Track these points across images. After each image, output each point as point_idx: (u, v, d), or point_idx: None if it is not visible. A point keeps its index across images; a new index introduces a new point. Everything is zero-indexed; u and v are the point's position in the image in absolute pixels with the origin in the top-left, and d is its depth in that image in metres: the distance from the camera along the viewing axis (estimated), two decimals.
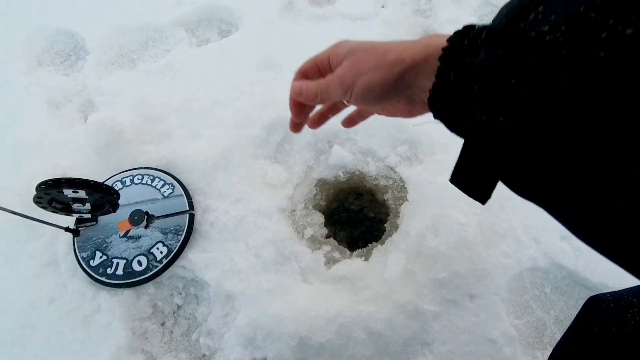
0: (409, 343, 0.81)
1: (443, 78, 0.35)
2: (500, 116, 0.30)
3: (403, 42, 0.40)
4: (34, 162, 1.05)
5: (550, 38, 0.26)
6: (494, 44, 0.31)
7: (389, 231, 0.98)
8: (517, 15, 0.29)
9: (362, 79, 0.41)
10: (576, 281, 0.88)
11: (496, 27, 0.31)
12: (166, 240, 0.93)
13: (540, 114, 0.27)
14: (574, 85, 0.25)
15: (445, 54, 0.35)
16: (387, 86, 0.40)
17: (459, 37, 0.35)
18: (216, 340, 0.88)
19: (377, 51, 0.41)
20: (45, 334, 0.87)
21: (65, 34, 1.40)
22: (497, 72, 0.30)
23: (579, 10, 0.25)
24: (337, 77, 0.43)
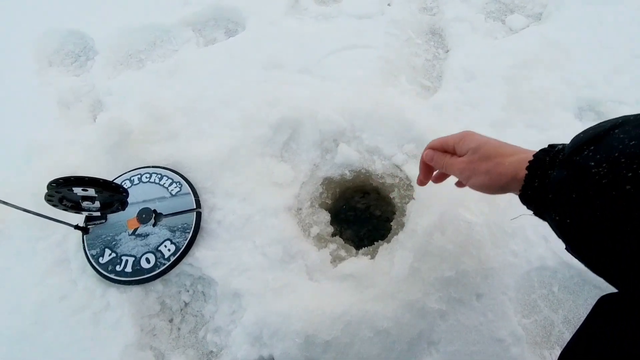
0: (416, 342, 0.81)
1: (529, 183, 0.51)
2: (567, 218, 0.44)
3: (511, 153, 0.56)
4: (45, 161, 1.07)
5: (595, 171, 0.40)
6: (562, 166, 0.45)
7: (395, 229, 0.98)
8: (575, 150, 0.44)
9: (475, 178, 0.59)
10: (586, 280, 0.87)
11: (565, 153, 0.46)
12: (174, 238, 0.94)
13: (592, 220, 0.41)
14: (610, 205, 0.38)
15: (531, 165, 0.51)
16: (494, 188, 0.57)
17: (543, 154, 0.51)
18: (223, 337, 0.89)
19: (491, 162, 0.57)
20: (56, 331, 0.88)
21: (75, 35, 1.42)
22: (563, 187, 0.44)
23: (614, 155, 0.39)
24: (459, 168, 0.61)
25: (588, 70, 1.12)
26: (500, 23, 1.32)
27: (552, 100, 1.08)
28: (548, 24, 1.25)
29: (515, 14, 1.32)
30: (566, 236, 0.46)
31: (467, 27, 1.28)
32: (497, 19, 1.34)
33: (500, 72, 1.14)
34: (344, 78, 1.18)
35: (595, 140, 0.43)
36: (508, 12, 1.35)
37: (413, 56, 1.27)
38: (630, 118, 0.42)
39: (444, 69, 1.23)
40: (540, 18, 1.32)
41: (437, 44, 1.32)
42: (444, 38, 1.32)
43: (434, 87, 1.21)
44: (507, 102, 1.09)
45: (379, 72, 1.19)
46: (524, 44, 1.20)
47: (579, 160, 0.43)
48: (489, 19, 1.33)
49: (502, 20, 1.33)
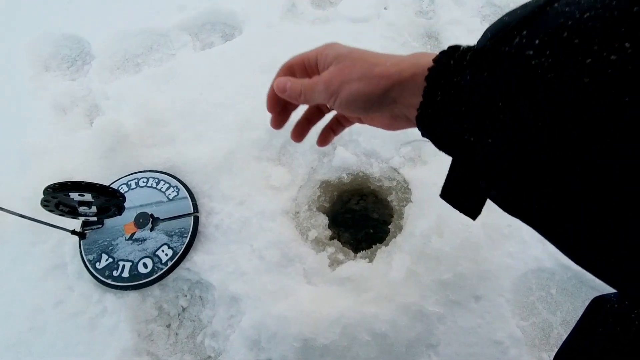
0: (414, 344, 0.81)
1: (430, 97, 0.36)
2: (489, 138, 0.30)
3: (392, 56, 0.41)
4: (41, 166, 1.06)
5: (535, 62, 0.26)
6: (479, 66, 0.31)
7: (393, 232, 0.98)
8: (501, 38, 0.30)
9: (347, 87, 0.42)
10: (583, 282, 0.88)
11: (481, 49, 0.32)
12: (171, 243, 0.94)
13: (527, 136, 0.27)
14: (560, 109, 0.25)
15: (432, 73, 0.36)
16: (372, 97, 0.41)
17: (445, 57, 0.35)
18: (221, 342, 0.88)
19: (365, 62, 0.41)
20: (51, 337, 0.87)
21: (71, 39, 1.42)
22: (483, 95, 0.30)
23: (562, 35, 0.26)
24: (323, 81, 0.44)
25: None
26: None
27: None
28: None
29: None
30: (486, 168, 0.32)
31: (463, 30, 1.29)
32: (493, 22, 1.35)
33: None
34: None
35: (529, 20, 0.29)
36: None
37: None
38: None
39: None
40: None
41: (434, 47, 1.33)
42: (440, 41, 1.33)
43: None
44: None
45: None
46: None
47: (508, 51, 0.29)
48: (485, 22, 1.34)
49: None
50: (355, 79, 0.41)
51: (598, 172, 0.25)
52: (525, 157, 0.28)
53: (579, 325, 0.61)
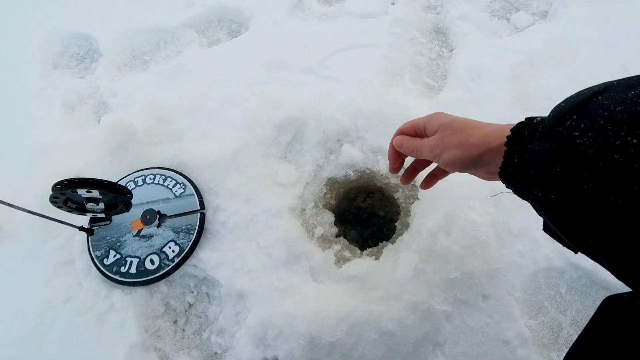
0: (421, 343, 0.81)
1: (509, 159, 0.47)
2: (551, 194, 0.41)
3: (484, 127, 0.53)
4: (50, 164, 1.07)
5: (579, 141, 0.37)
6: (543, 139, 0.42)
7: (399, 230, 0.97)
8: (558, 120, 0.41)
9: (447, 153, 0.55)
10: (594, 281, 0.86)
11: (546, 124, 0.43)
12: (178, 239, 0.94)
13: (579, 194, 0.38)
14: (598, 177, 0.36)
15: (510, 141, 0.48)
16: (466, 161, 0.53)
17: (521, 127, 0.47)
18: (227, 338, 0.89)
19: (462, 133, 0.54)
20: (61, 332, 0.88)
21: (79, 37, 1.43)
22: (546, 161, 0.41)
23: (600, 122, 0.36)
24: (429, 145, 0.57)
25: (595, 68, 1.11)
26: (505, 21, 1.31)
27: (559, 98, 1.05)
28: (554, 22, 1.24)
29: (520, 12, 1.31)
30: (549, 213, 0.43)
31: (471, 25, 1.27)
32: (502, 17, 1.33)
33: (505, 71, 1.13)
34: (347, 78, 1.18)
35: (578, 108, 0.40)
36: (513, 10, 1.34)
37: (417, 55, 1.26)
38: (614, 83, 0.39)
39: (449, 68, 1.22)
40: (546, 16, 1.30)
41: (442, 42, 1.31)
42: (448, 37, 1.31)
43: (438, 86, 1.20)
44: (513, 100, 1.08)
45: (382, 72, 1.19)
46: (530, 42, 1.19)
47: (561, 131, 0.40)
48: (494, 17, 1.32)
49: (506, 19, 1.32)
50: (453, 146, 0.54)
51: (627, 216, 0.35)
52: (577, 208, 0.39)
53: (590, 325, 0.60)
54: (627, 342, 0.49)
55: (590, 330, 0.59)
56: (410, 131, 0.64)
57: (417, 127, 0.62)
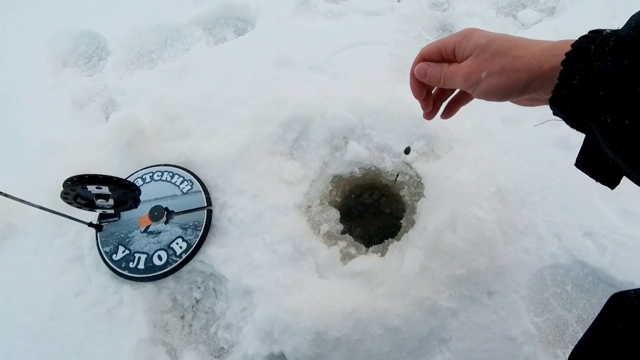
0: (426, 339, 0.81)
1: (566, 80, 0.39)
2: (627, 119, 0.34)
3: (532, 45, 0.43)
4: (61, 161, 1.09)
5: None
6: (621, 53, 0.34)
7: (405, 227, 0.98)
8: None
9: (487, 81, 0.45)
10: (600, 279, 0.86)
11: (624, 37, 0.35)
12: (185, 236, 0.95)
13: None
14: None
15: (569, 58, 0.38)
16: (511, 90, 0.44)
17: (586, 41, 0.38)
18: (234, 333, 0.90)
19: (505, 55, 0.43)
20: (72, 326, 0.90)
21: (88, 36, 1.44)
22: (623, 81, 0.33)
23: None
24: (463, 74, 0.47)
25: None
26: (511, 18, 1.31)
27: None
28: (562, 18, 1.23)
29: (527, 9, 1.30)
30: (617, 142, 0.36)
31: (478, 22, 1.27)
32: (509, 14, 1.32)
33: None
34: (353, 75, 1.18)
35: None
36: (520, 7, 1.33)
37: None
38: None
39: None
40: (553, 12, 1.29)
41: None
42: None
43: None
44: None
45: (388, 69, 1.19)
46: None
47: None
48: (500, 14, 1.31)
49: (513, 16, 1.31)
50: (495, 72, 0.44)
51: None
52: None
53: (597, 322, 0.60)
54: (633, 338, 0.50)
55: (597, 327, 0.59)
56: (436, 55, 0.52)
57: (444, 50, 0.50)
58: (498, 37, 0.45)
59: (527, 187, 0.93)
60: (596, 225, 0.88)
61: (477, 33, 0.47)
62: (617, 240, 0.86)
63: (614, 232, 0.87)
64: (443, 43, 0.50)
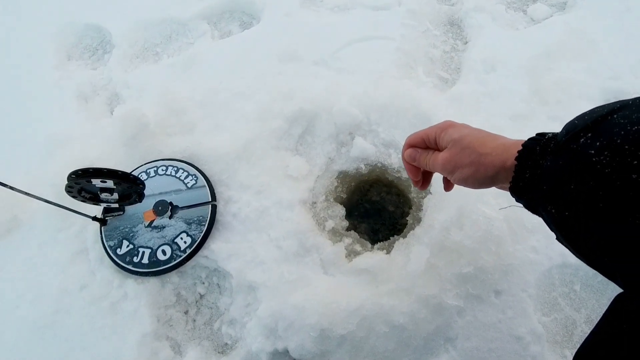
0: (432, 338, 0.80)
1: (520, 174, 0.47)
2: (565, 210, 0.41)
3: (496, 142, 0.52)
4: (65, 154, 1.08)
5: (595, 159, 0.37)
6: (557, 155, 0.42)
7: (411, 224, 0.97)
8: (572, 137, 0.40)
9: (460, 171, 0.54)
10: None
11: (558, 142, 0.42)
12: (190, 231, 0.94)
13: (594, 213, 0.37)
14: (615, 196, 0.35)
15: (521, 155, 0.47)
16: (481, 180, 0.52)
17: (532, 143, 0.47)
18: (238, 329, 0.89)
19: (474, 151, 0.52)
20: (76, 319, 0.90)
21: (93, 29, 1.44)
22: (559, 177, 0.41)
23: (616, 141, 0.36)
24: (441, 163, 0.56)
25: (614, 61, 1.08)
26: (521, 13, 1.28)
27: (576, 92, 1.04)
28: (572, 13, 1.21)
29: (537, 4, 1.28)
30: (562, 229, 0.43)
31: (486, 17, 1.25)
32: (519, 9, 1.30)
33: (521, 63, 1.11)
34: (360, 70, 1.17)
35: (593, 126, 0.39)
36: (530, 2, 1.31)
37: (431, 48, 1.25)
38: (629, 102, 0.39)
39: (463, 60, 1.20)
40: (564, 7, 1.27)
41: (456, 35, 1.29)
42: (462, 29, 1.29)
43: (452, 79, 1.18)
44: (529, 93, 1.06)
45: (395, 64, 1.17)
46: (547, 34, 1.16)
47: (576, 148, 0.39)
48: (510, 9, 1.29)
49: (523, 11, 1.29)
50: (465, 165, 0.53)
51: None
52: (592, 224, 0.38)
53: (602, 321, 0.59)
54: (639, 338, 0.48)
55: (602, 327, 0.58)
56: (420, 143, 0.62)
57: (427, 139, 0.60)
58: (468, 133, 0.54)
59: None
60: None
61: (453, 127, 0.56)
62: None
63: None
64: (426, 134, 0.60)
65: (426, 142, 0.61)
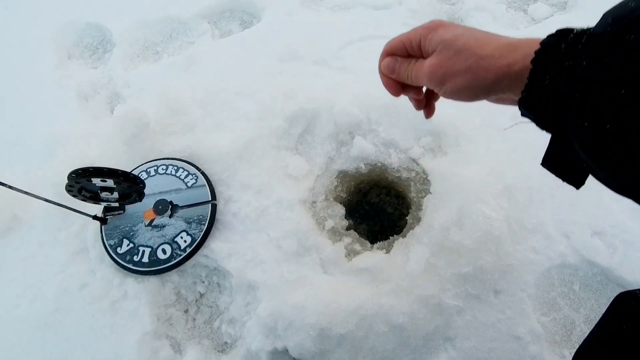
0: (431, 337, 0.80)
1: (537, 80, 0.36)
2: (608, 124, 0.30)
3: (499, 42, 0.40)
4: (66, 153, 1.08)
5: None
6: (599, 52, 0.31)
7: (410, 224, 0.97)
8: (627, 25, 0.29)
9: (452, 80, 0.42)
10: (609, 279, 0.85)
11: (601, 34, 0.31)
12: (190, 230, 0.95)
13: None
14: None
15: (538, 57, 0.35)
16: (478, 90, 0.41)
17: (555, 40, 0.35)
18: (238, 328, 0.90)
19: (471, 53, 0.40)
20: (76, 318, 0.90)
21: (93, 28, 1.44)
22: (605, 83, 0.30)
23: None
24: (428, 71, 0.44)
25: None
26: (522, 13, 1.28)
27: None
28: (574, 13, 1.21)
29: (538, 3, 1.28)
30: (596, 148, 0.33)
31: (487, 17, 1.25)
32: (519, 8, 1.30)
33: None
34: (360, 69, 1.17)
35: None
36: (531, 1, 1.30)
37: None
38: None
39: None
40: (565, 7, 1.27)
41: None
42: None
43: None
44: None
45: None
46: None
47: (635, 40, 0.28)
48: (511, 8, 1.29)
49: (524, 10, 1.29)
50: (460, 72, 0.41)
51: None
52: None
53: (602, 321, 0.59)
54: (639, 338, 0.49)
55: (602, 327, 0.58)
56: (401, 50, 0.48)
57: (409, 44, 0.47)
58: (464, 32, 0.42)
59: (536, 185, 0.91)
60: (606, 224, 0.86)
61: (443, 26, 0.44)
62: (628, 240, 0.85)
63: (624, 232, 0.85)
64: (408, 37, 0.47)
65: (408, 49, 0.48)
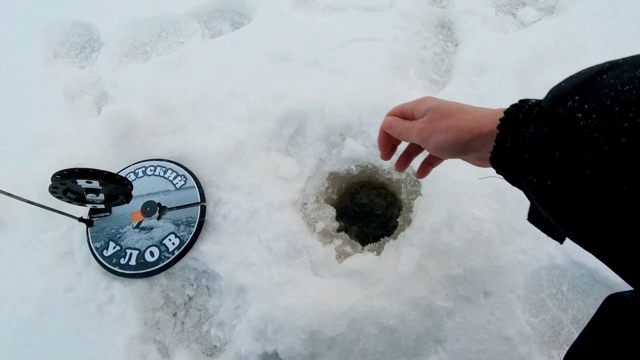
0: (422, 339, 0.80)
1: (501, 143, 0.44)
2: (548, 180, 0.38)
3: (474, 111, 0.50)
4: (51, 154, 1.06)
5: (583, 123, 0.34)
6: (541, 121, 0.39)
7: (401, 226, 0.97)
8: (558, 101, 0.37)
9: (435, 137, 0.52)
10: (596, 280, 0.86)
11: (543, 107, 0.39)
12: (178, 232, 0.93)
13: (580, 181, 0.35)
14: (603, 162, 0.32)
15: (503, 124, 0.44)
16: (456, 147, 0.50)
17: (515, 110, 0.44)
18: (227, 332, 0.89)
19: (451, 117, 0.51)
20: (61, 322, 0.88)
21: (80, 26, 1.41)
22: (543, 145, 0.38)
23: (606, 103, 0.32)
24: (417, 129, 0.55)
25: None
26: (511, 16, 1.30)
27: None
28: (561, 17, 1.22)
29: (527, 7, 1.29)
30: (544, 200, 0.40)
31: (477, 20, 1.26)
32: (508, 12, 1.31)
33: (511, 66, 1.12)
34: (351, 71, 1.17)
35: (581, 88, 0.36)
36: (520, 5, 1.32)
37: (422, 50, 1.25)
38: (619, 62, 0.36)
39: (454, 62, 1.20)
40: (553, 11, 1.29)
41: (447, 37, 1.29)
42: (453, 31, 1.30)
43: (443, 81, 1.19)
44: (519, 96, 1.05)
45: (387, 66, 1.17)
46: (536, 38, 1.18)
47: (562, 112, 0.36)
48: (500, 12, 1.30)
49: (512, 14, 1.30)
50: (442, 130, 0.51)
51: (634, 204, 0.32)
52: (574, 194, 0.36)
53: (592, 323, 0.59)
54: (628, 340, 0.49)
55: (592, 328, 0.59)
56: (399, 115, 0.61)
57: (405, 111, 0.60)
58: (447, 102, 0.53)
59: None
60: None
61: (431, 98, 0.56)
62: None
63: None
64: (405, 106, 0.60)
65: (405, 114, 0.60)
